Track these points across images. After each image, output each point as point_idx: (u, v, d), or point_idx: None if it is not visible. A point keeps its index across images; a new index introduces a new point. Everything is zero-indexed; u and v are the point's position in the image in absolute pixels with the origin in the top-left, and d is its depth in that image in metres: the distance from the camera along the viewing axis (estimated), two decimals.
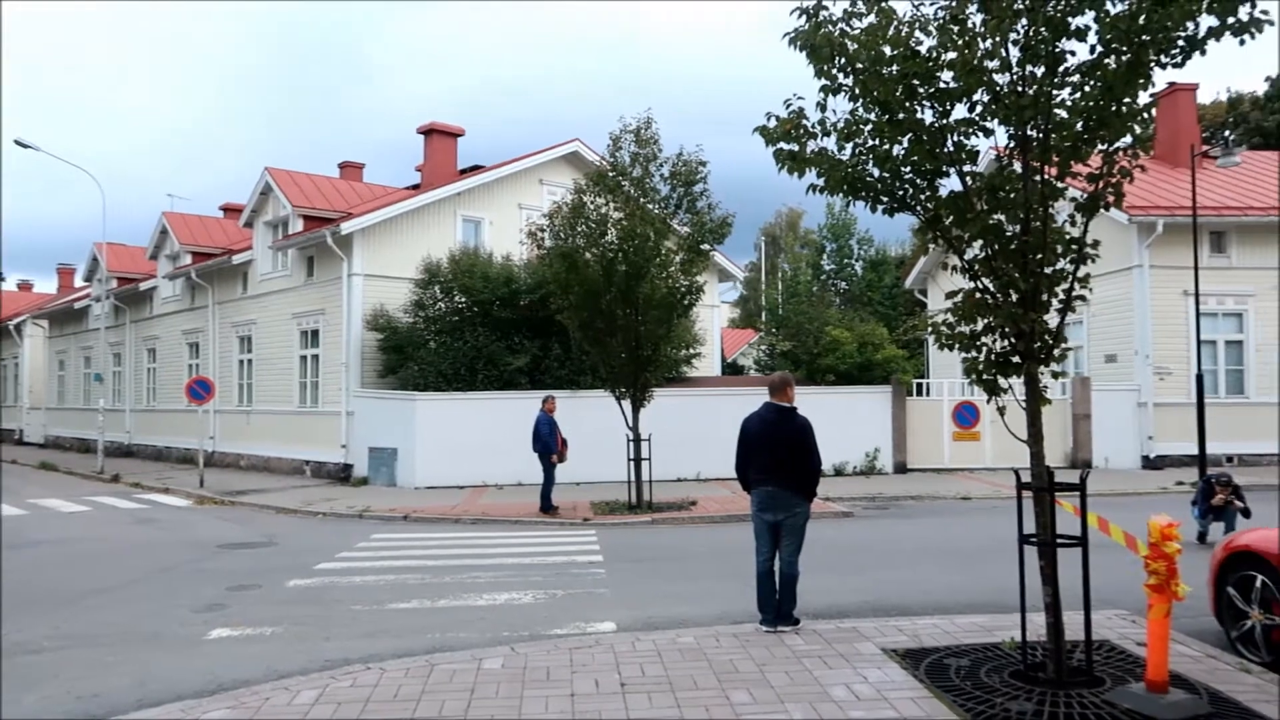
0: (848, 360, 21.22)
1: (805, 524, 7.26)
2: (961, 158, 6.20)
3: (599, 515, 14.76)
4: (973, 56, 5.89)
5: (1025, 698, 5.46)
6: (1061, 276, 6.11)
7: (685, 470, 19.44)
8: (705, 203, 15.40)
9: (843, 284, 39.95)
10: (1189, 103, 25.86)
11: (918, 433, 20.95)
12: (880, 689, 5.72)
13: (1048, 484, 5.86)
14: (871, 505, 16.20)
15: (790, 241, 51.45)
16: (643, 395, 15.45)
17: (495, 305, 20.35)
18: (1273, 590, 6.31)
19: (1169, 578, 5.29)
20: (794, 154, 6.40)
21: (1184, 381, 20.43)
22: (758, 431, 7.30)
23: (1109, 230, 20.84)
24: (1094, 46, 5.75)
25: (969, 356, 6.30)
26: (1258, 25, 5.43)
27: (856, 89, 6.19)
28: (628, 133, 15.26)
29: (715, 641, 6.89)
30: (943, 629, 7.12)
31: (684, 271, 15.22)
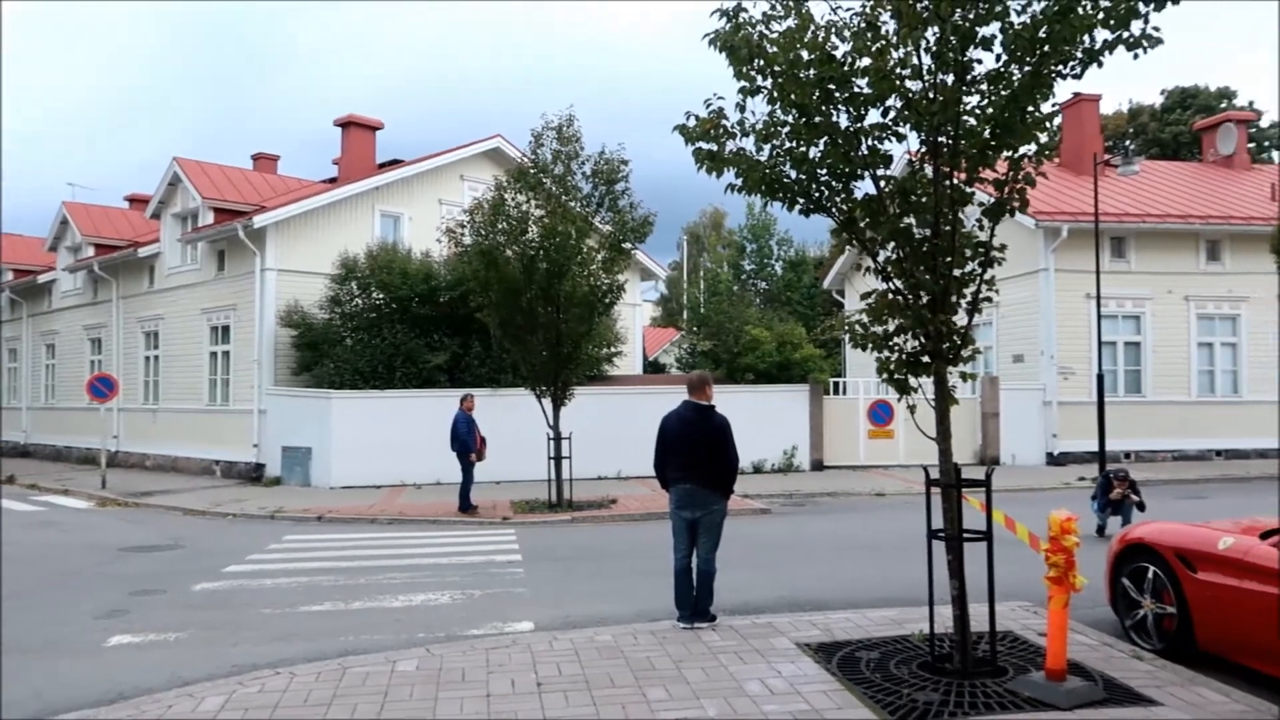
0: (767, 359, 21.49)
1: (722, 521, 7.33)
2: (875, 161, 6.34)
3: (519, 514, 14.67)
4: (886, 63, 6.03)
5: (932, 688, 5.61)
6: (970, 279, 6.29)
7: (606, 469, 19.46)
8: (627, 201, 15.42)
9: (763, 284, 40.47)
10: (1092, 113, 26.89)
11: (834, 431, 21.36)
12: (793, 683, 5.81)
13: (955, 480, 6.03)
14: (789, 502, 16.45)
15: (713, 241, 51.87)
16: (563, 393, 15.40)
17: (414, 302, 20.05)
18: (1164, 580, 6.60)
19: (1067, 570, 5.50)
20: (713, 154, 6.47)
21: (1086, 381, 21.24)
22: (676, 430, 7.34)
23: (1017, 234, 21.55)
24: (999, 56, 5.94)
25: (881, 356, 6.45)
26: (1150, 40, 5.70)
27: (774, 91, 6.28)
28: (550, 130, 15.19)
29: (633, 639, 6.92)
30: (855, 623, 7.28)
31: (605, 270, 15.22)
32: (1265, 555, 5.83)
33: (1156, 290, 22.65)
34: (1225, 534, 6.35)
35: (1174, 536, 6.68)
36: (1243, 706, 5.28)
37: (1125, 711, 5.22)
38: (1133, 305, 22.57)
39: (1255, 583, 5.82)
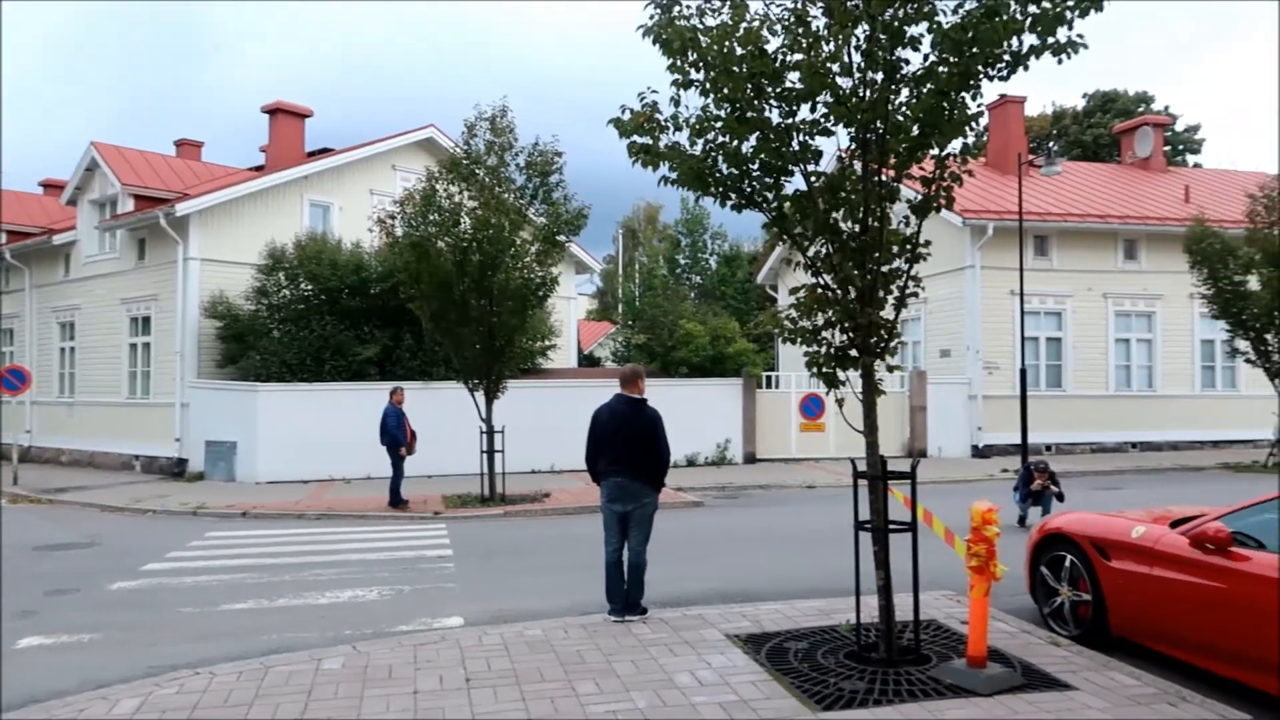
0: (701, 353, 21.62)
1: (653, 514, 7.35)
2: (806, 157, 6.39)
3: (450, 508, 14.52)
4: (817, 59, 6.09)
5: (858, 677, 5.70)
6: (897, 275, 6.40)
7: (540, 462, 19.38)
8: (561, 193, 15.33)
9: (697, 278, 40.67)
10: (1018, 114, 27.57)
11: (767, 424, 21.58)
12: (723, 674, 5.85)
13: (881, 473, 6.13)
14: (721, 495, 16.57)
15: (648, 235, 51.95)
16: (496, 387, 15.28)
17: (344, 294, 19.69)
18: (1080, 569, 6.81)
19: (988, 559, 5.63)
20: (647, 147, 6.46)
21: (1010, 376, 21.81)
22: (608, 423, 7.33)
23: (944, 232, 22.02)
24: (927, 56, 6.04)
25: (810, 350, 6.51)
26: (1074, 47, 5.83)
27: (708, 85, 6.30)
28: (483, 120, 15.03)
29: (563, 633, 6.89)
30: (784, 613, 7.36)
31: (539, 262, 15.13)
32: (1174, 544, 6.05)
33: (1077, 288, 23.35)
34: (1138, 523, 6.57)
35: (1089, 526, 6.89)
36: (1152, 690, 5.47)
37: (1041, 696, 5.37)
38: (1054, 302, 23.23)
39: (1165, 570, 6.04)
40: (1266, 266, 19.29)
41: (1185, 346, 24.17)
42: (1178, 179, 28.34)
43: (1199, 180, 28.60)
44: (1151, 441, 23.54)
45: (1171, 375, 24.01)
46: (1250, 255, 19.62)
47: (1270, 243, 19.41)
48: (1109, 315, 23.67)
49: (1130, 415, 23.54)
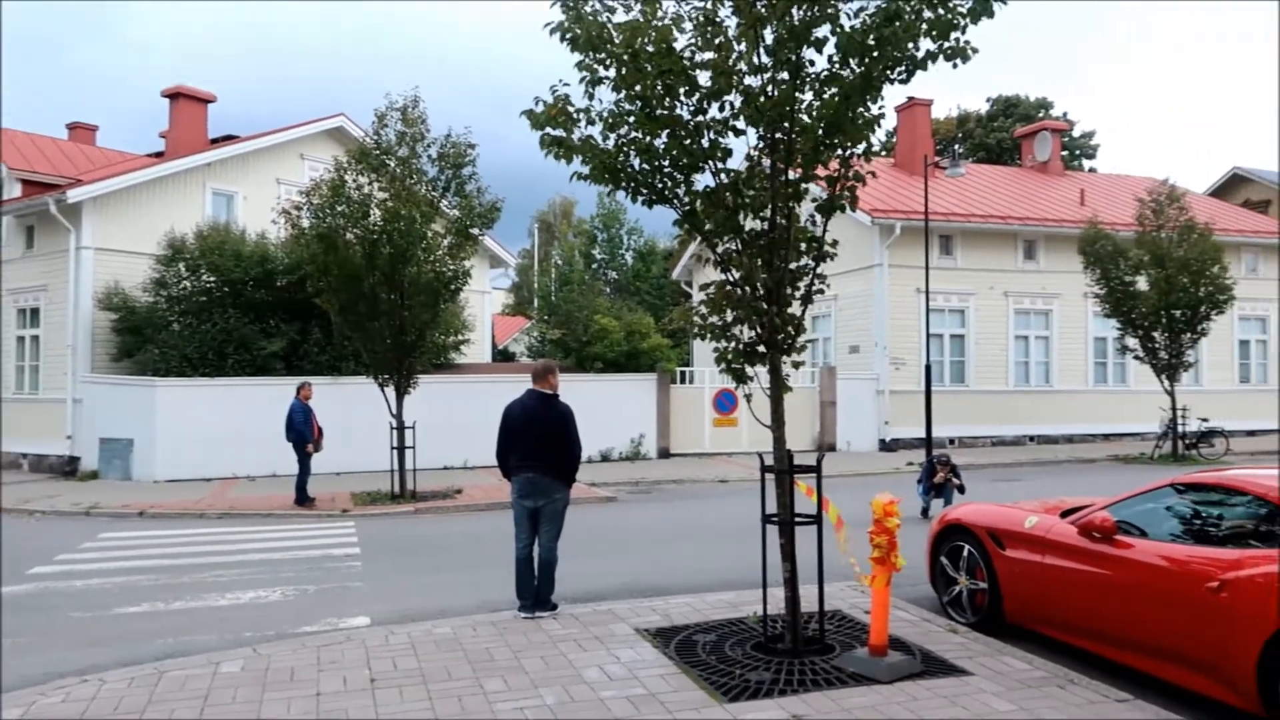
0: (615, 348, 21.64)
1: (564, 510, 7.33)
2: (715, 154, 6.44)
3: (359, 506, 14.24)
4: (726, 59, 6.15)
5: (764, 668, 5.80)
6: (803, 272, 6.51)
7: (452, 458, 19.15)
8: (475, 186, 15.16)
9: (613, 273, 40.70)
10: (925, 117, 28.34)
11: (681, 419, 21.74)
12: (632, 668, 5.88)
13: (788, 467, 6.23)
14: (635, 490, 16.64)
15: (563, 229, 51.78)
16: (407, 382, 15.03)
17: (248, 286, 19.11)
18: (977, 558, 7.04)
19: (890, 550, 5.78)
20: (560, 140, 6.43)
21: (915, 371, 22.41)
22: (519, 418, 7.29)
23: (854, 231, 22.51)
24: (831, 58, 6.15)
25: (720, 346, 6.59)
26: (964, 53, 6.03)
27: (619, 81, 6.30)
28: (394, 110, 14.75)
29: (472, 631, 6.83)
30: (693, 607, 7.43)
31: (452, 256, 14.92)
32: (1064, 533, 6.30)
33: (979, 286, 24.13)
34: (1031, 514, 6.83)
35: (986, 517, 7.14)
36: (1043, 673, 5.70)
37: (939, 682, 5.54)
38: (958, 300, 23.96)
39: (1055, 558, 6.29)
40: (1154, 268, 20.28)
41: (1080, 343, 25.20)
42: (1074, 182, 29.51)
43: (1093, 184, 29.85)
44: (1048, 435, 24.50)
45: (1067, 371, 25.02)
46: (1139, 257, 20.60)
47: (1157, 245, 20.40)
48: (1009, 313, 24.53)
49: (1028, 409, 24.44)
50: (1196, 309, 20.24)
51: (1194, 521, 5.76)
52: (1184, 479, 6.15)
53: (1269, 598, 4.77)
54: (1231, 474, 5.95)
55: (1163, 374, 20.96)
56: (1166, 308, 20.19)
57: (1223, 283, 20.22)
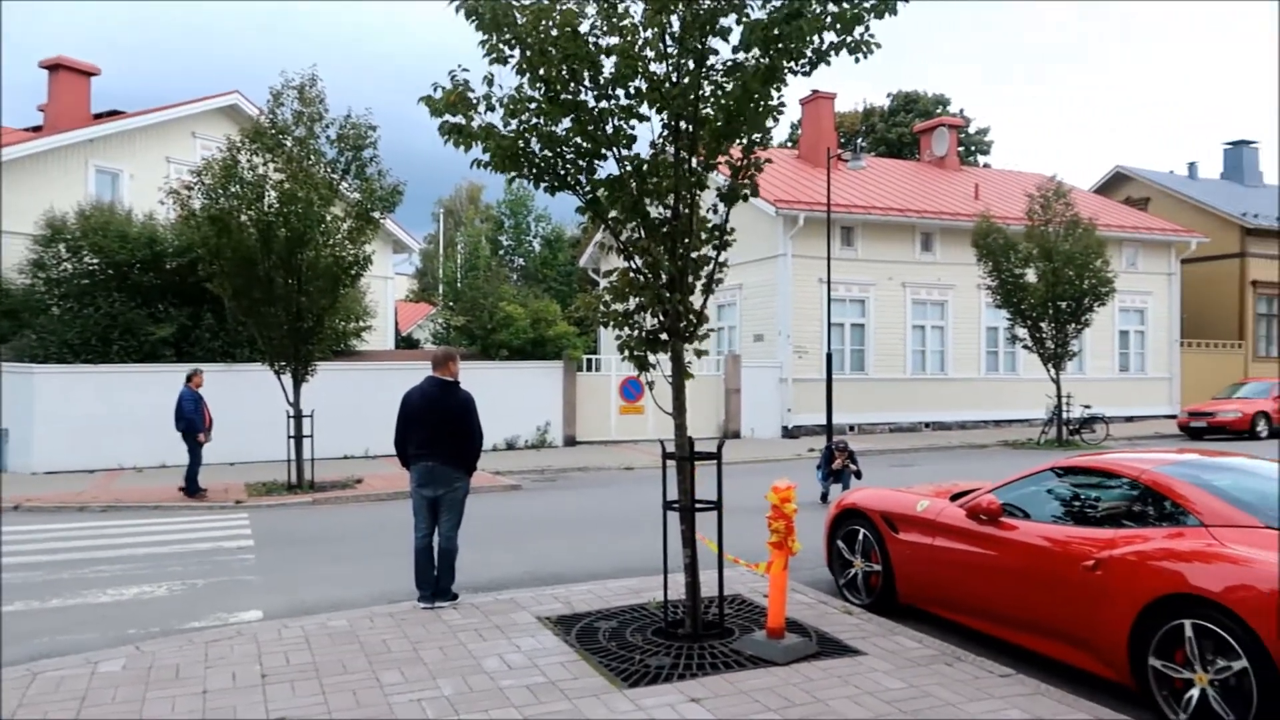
0: (521, 336, 21.47)
1: (465, 499, 7.24)
2: (619, 141, 6.42)
3: (254, 497, 13.81)
4: (632, 44, 6.12)
5: (664, 653, 5.84)
6: (706, 261, 6.55)
7: (353, 447, 18.75)
8: (376, 169, 14.79)
9: (520, 260, 40.34)
10: (828, 110, 28.88)
11: (587, 407, 21.74)
12: (532, 657, 5.85)
13: (689, 454, 6.28)
14: (540, 478, 16.57)
15: (469, 215, 51.06)
16: (305, 369, 14.61)
17: (135, 269, 18.29)
18: (872, 541, 7.23)
19: (787, 535, 5.88)
20: (459, 127, 6.31)
21: (817, 360, 22.88)
22: (419, 406, 7.16)
23: (759, 221, 22.83)
24: (735, 47, 6.19)
25: (623, 334, 6.59)
26: (868, 47, 6.13)
27: (523, 64, 6.21)
28: (291, 88, 14.27)
29: (369, 622, 6.69)
30: (596, 594, 7.43)
31: (351, 240, 14.52)
32: (953, 516, 6.52)
33: (879, 277, 24.75)
34: (923, 498, 7.04)
35: (880, 501, 7.33)
36: (933, 651, 5.89)
37: (833, 662, 5.67)
38: (859, 290, 24.53)
39: (945, 540, 6.51)
40: (1041, 261, 21.12)
41: (973, 333, 26.11)
42: (969, 177, 30.51)
43: (987, 179, 30.93)
44: (943, 421, 25.33)
45: (961, 360, 25.90)
46: (1028, 250, 21.43)
47: (1045, 239, 21.26)
48: (907, 303, 25.24)
49: (925, 397, 25.23)
50: (1080, 300, 21.17)
51: (1073, 503, 6.03)
52: (1064, 463, 6.43)
53: (1138, 575, 5.02)
54: (1108, 458, 6.24)
55: (1049, 363, 21.87)
56: (1053, 299, 21.07)
57: (1105, 276, 21.20)
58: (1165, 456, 6.10)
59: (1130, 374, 28.51)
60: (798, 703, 5.02)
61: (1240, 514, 5.07)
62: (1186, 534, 5.08)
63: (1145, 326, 28.80)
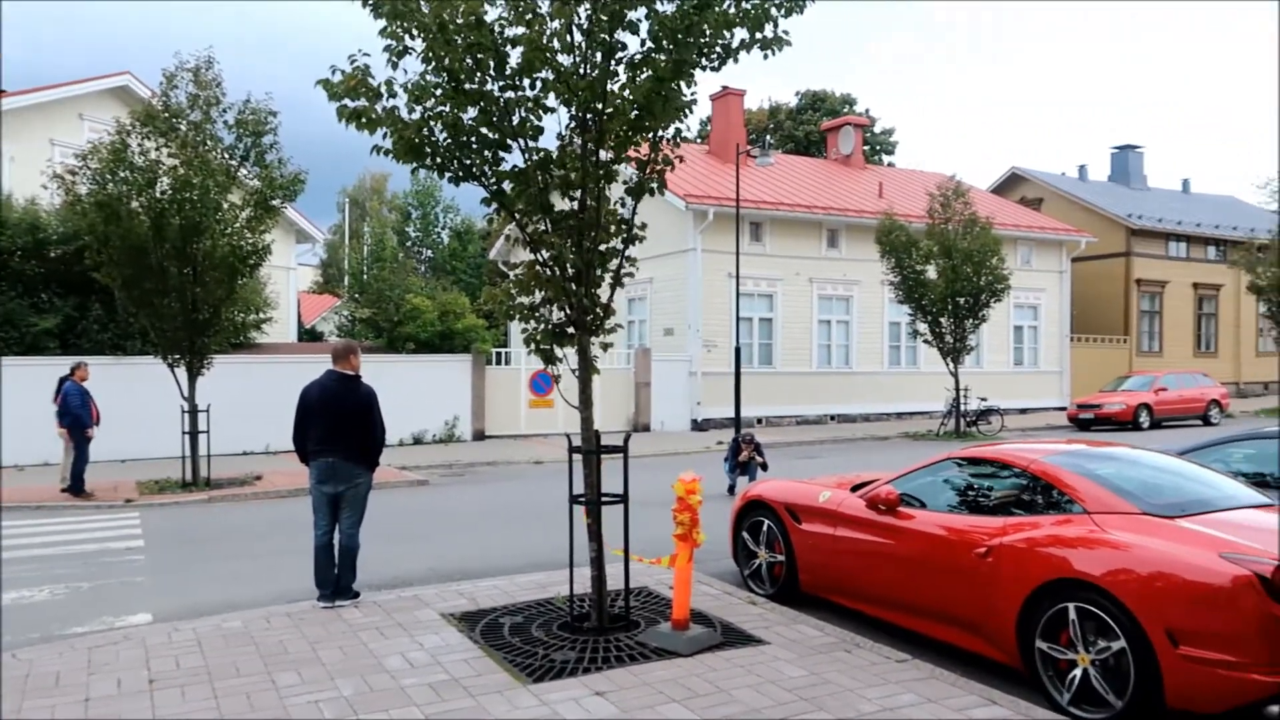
0: (429, 329, 21.14)
1: (367, 495, 7.09)
2: (525, 132, 6.35)
3: (145, 495, 13.26)
4: (539, 35, 6.06)
5: (569, 647, 5.82)
6: (613, 254, 6.53)
7: (253, 443, 18.19)
8: (276, 156, 14.32)
9: (428, 252, 39.66)
10: (738, 107, 29.16)
11: (496, 400, 21.53)
12: (435, 654, 5.76)
13: (595, 447, 6.27)
14: (448, 472, 16.35)
15: (375, 206, 50.00)
16: (200, 362, 14.08)
17: (15, 256, 17.36)
18: (776, 532, 7.34)
19: (692, 528, 5.93)
20: (359, 112, 6.15)
21: (726, 354, 23.13)
22: (319, 400, 6.97)
23: (669, 215, 22.94)
24: (645, 41, 6.18)
25: (529, 327, 6.53)
26: (779, 43, 6.19)
27: (427, 53, 6.09)
28: (185, 70, 13.72)
29: (266, 623, 6.50)
30: (502, 589, 7.36)
31: (251, 229, 14.05)
32: (854, 506, 6.67)
33: (786, 272, 25.16)
34: (825, 489, 7.18)
35: (784, 493, 7.45)
36: (833, 639, 6.01)
37: (737, 652, 5.74)
38: (767, 285, 24.88)
39: (846, 530, 6.65)
40: (941, 258, 21.77)
41: (877, 328, 26.77)
42: (874, 176, 31.24)
43: (891, 178, 31.71)
44: (848, 414, 25.91)
45: (865, 354, 26.52)
46: (929, 248, 22.06)
47: (945, 237, 21.92)
48: (814, 298, 25.72)
49: (830, 390, 25.76)
50: (978, 297, 21.90)
51: (967, 493, 6.22)
52: (959, 453, 6.63)
53: (1026, 561, 5.22)
54: (1000, 449, 6.47)
55: (948, 357, 22.57)
56: (952, 295, 21.75)
57: (1001, 273, 21.97)
58: (1053, 447, 6.34)
59: (1024, 368, 29.64)
60: (701, 693, 5.06)
61: (1121, 501, 5.30)
62: (1072, 521, 5.30)
63: (1038, 322, 29.96)
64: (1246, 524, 5.06)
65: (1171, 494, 5.50)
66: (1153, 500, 5.32)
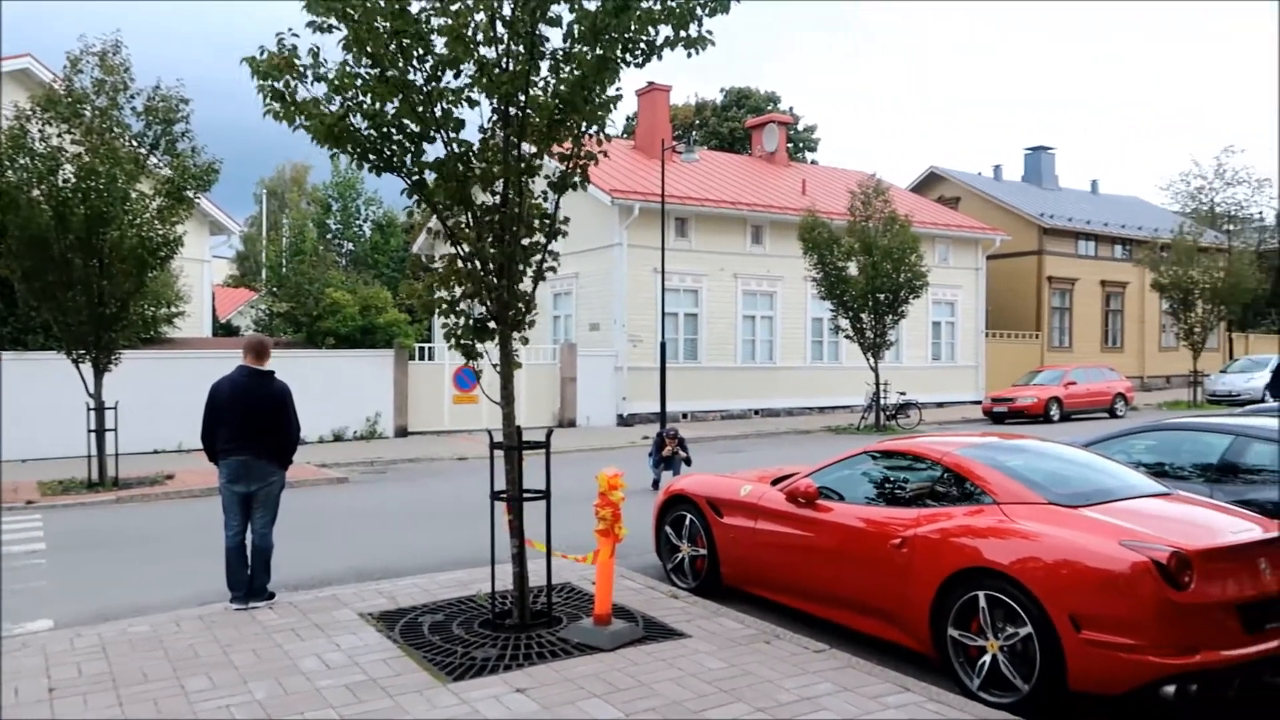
0: (349, 323, 20.74)
1: (280, 493, 6.93)
2: (448, 124, 6.26)
3: (48, 496, 12.74)
4: (463, 26, 5.98)
5: (491, 644, 5.77)
6: (536, 249, 6.49)
7: (165, 441, 17.60)
8: (189, 144, 13.87)
9: (349, 245, 38.87)
10: (664, 102, 29.25)
11: (420, 396, 21.23)
12: (353, 655, 5.66)
13: (517, 443, 6.22)
14: (370, 470, 16.08)
15: (294, 198, 48.80)
16: (107, 358, 13.57)
17: None
18: (698, 526, 7.40)
19: (614, 522, 5.93)
20: (282, 95, 6.00)
21: (652, 349, 23.22)
22: (230, 397, 6.77)
23: (595, 210, 22.90)
24: (567, 36, 6.15)
25: (449, 322, 6.45)
26: (702, 43, 6.22)
27: (350, 40, 5.96)
28: (90, 54, 13.18)
29: (176, 627, 6.30)
30: (423, 588, 7.27)
31: (161, 220, 13.57)
32: (774, 499, 6.75)
33: (711, 268, 25.33)
34: (746, 483, 7.26)
35: (706, 487, 7.51)
36: (753, 631, 6.08)
37: (659, 646, 5.77)
38: (692, 280, 25.03)
39: (766, 523, 6.73)
40: (862, 255, 22.19)
41: (800, 323, 27.14)
42: (797, 173, 31.66)
43: (814, 176, 32.16)
44: (771, 408, 26.23)
45: (788, 349, 26.88)
46: (850, 245, 22.45)
47: (865, 234, 22.34)
48: (738, 294, 25.95)
49: (754, 385, 26.04)
50: (897, 293, 22.37)
51: (884, 485, 6.36)
52: (876, 447, 6.76)
53: (939, 551, 5.35)
54: (915, 442, 6.62)
55: (869, 352, 23.02)
56: (872, 291, 22.18)
57: (919, 270, 22.49)
58: (967, 440, 6.51)
59: (941, 363, 30.39)
60: (622, 687, 5.07)
61: (1029, 492, 5.47)
62: (983, 512, 5.45)
63: (955, 318, 30.74)
64: (1146, 512, 5.27)
65: (1077, 484, 5.70)
66: (1059, 490, 5.50)
